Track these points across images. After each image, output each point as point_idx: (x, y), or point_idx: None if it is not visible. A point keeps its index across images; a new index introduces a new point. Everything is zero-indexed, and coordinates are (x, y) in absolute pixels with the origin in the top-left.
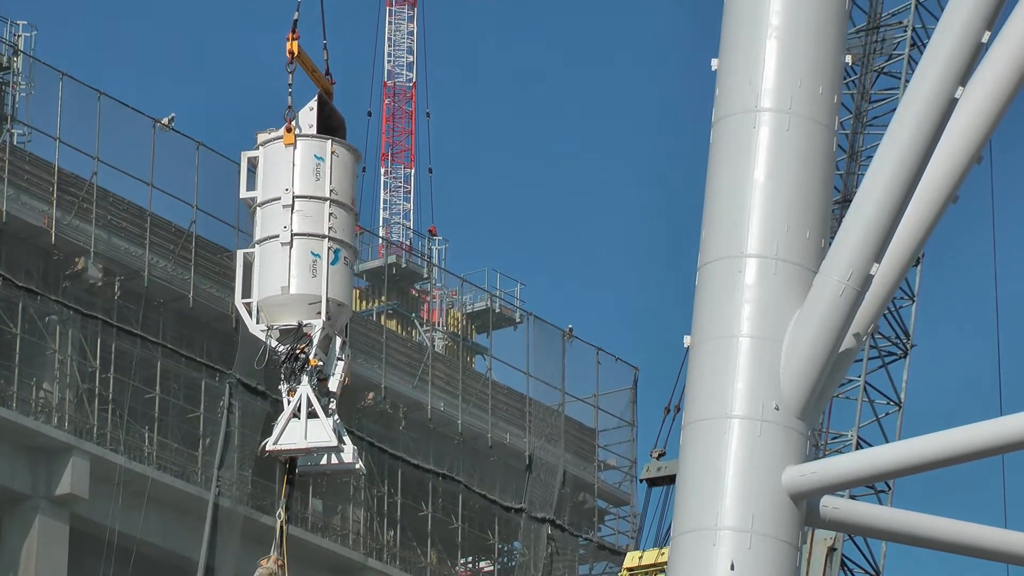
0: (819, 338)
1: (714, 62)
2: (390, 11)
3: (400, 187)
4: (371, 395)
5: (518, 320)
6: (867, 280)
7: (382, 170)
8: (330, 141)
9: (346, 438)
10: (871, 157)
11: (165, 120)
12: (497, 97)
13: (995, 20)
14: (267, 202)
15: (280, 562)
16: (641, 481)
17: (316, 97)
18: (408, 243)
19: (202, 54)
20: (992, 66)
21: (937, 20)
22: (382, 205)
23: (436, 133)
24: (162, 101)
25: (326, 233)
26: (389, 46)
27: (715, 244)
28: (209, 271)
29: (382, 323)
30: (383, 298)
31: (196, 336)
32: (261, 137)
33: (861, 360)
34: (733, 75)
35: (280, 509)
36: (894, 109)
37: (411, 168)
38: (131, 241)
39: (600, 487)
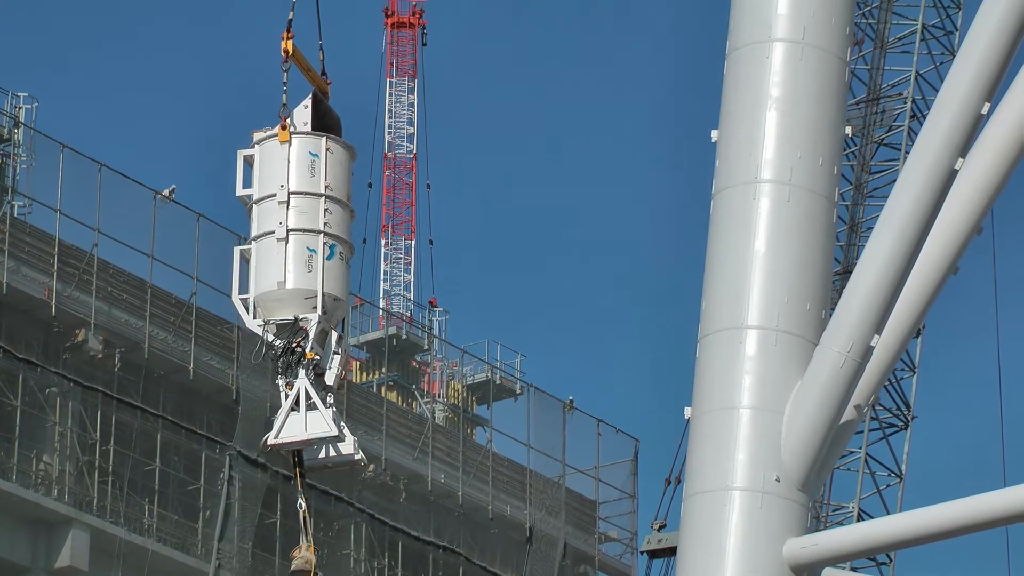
0: (820, 409)
1: (714, 133)
2: (390, 83)
3: (401, 259)
4: (371, 467)
5: (518, 392)
6: (868, 351)
7: (383, 242)
8: (324, 138)
9: (346, 430)
10: (871, 228)
11: (166, 192)
12: (498, 168)
13: (995, 91)
14: (263, 199)
15: (312, 548)
16: (642, 553)
17: (311, 95)
18: (408, 315)
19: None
20: (992, 137)
21: (937, 92)
22: (382, 277)
23: (436, 204)
24: (163, 171)
25: (321, 228)
26: (389, 118)
27: (715, 315)
28: (210, 343)
29: (382, 395)
30: (383, 370)
31: (196, 408)
32: (257, 136)
33: (862, 432)
34: (733, 146)
35: (300, 499)
36: (894, 180)
37: (411, 239)
38: (131, 313)
39: (601, 559)
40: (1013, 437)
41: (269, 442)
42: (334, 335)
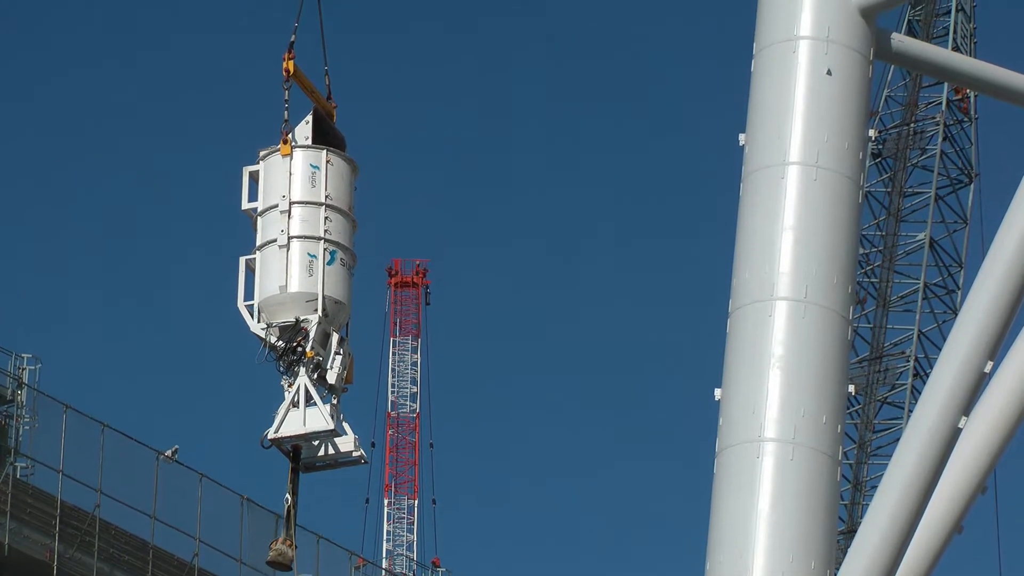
0: None
1: (717, 392)
2: (394, 342)
3: (404, 518)
4: None
5: None
6: None
7: (385, 501)
8: (325, 151)
9: (347, 427)
10: (875, 487)
11: (168, 452)
12: (502, 426)
13: (998, 350)
14: (266, 210)
15: (289, 543)
16: None
17: (311, 112)
18: (412, 574)
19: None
20: (995, 396)
21: (939, 350)
22: (385, 537)
23: (439, 463)
24: (166, 431)
25: (322, 235)
26: (393, 377)
27: (720, 574)
28: None
29: None
30: None
31: None
32: (262, 152)
33: None
34: (737, 405)
35: (287, 495)
36: (898, 439)
37: (414, 499)
38: (133, 574)
39: None
40: None
41: (269, 437)
42: (335, 337)
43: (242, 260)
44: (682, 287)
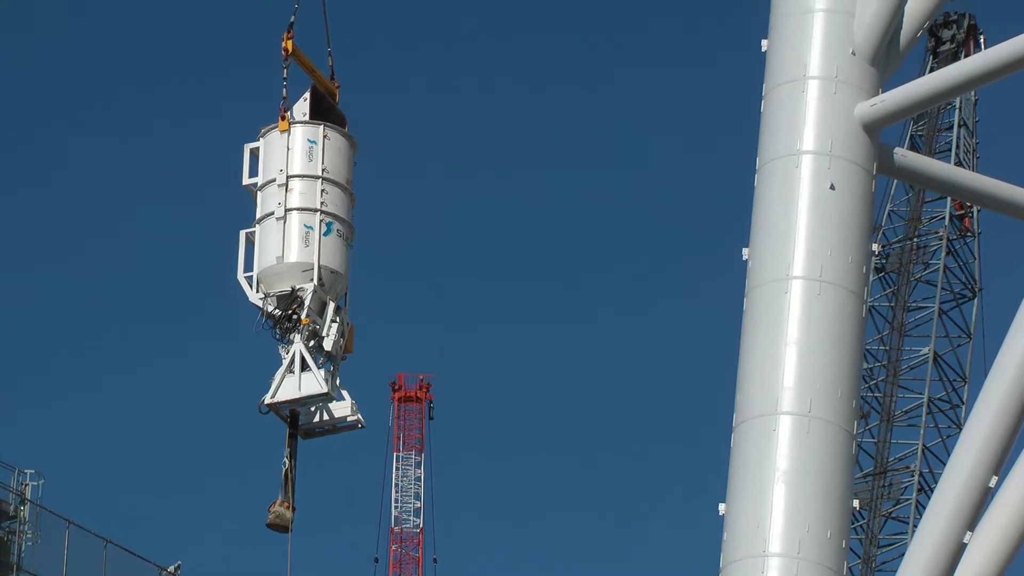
0: None
1: (721, 507)
2: (397, 457)
3: None
4: None
5: None
6: None
7: None
8: (322, 126)
9: (345, 393)
10: None
11: (171, 568)
12: (506, 538)
13: (1002, 465)
14: (265, 184)
15: (287, 505)
16: None
17: (309, 89)
18: None
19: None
20: (1000, 511)
21: (944, 464)
22: None
23: None
24: (169, 546)
25: (318, 207)
26: (396, 492)
27: None
28: None
29: None
30: None
31: None
32: (263, 130)
33: None
34: (741, 520)
35: (285, 458)
36: (903, 554)
37: None
38: None
39: None
40: None
41: (266, 401)
42: (331, 305)
43: (242, 233)
44: (687, 398)
